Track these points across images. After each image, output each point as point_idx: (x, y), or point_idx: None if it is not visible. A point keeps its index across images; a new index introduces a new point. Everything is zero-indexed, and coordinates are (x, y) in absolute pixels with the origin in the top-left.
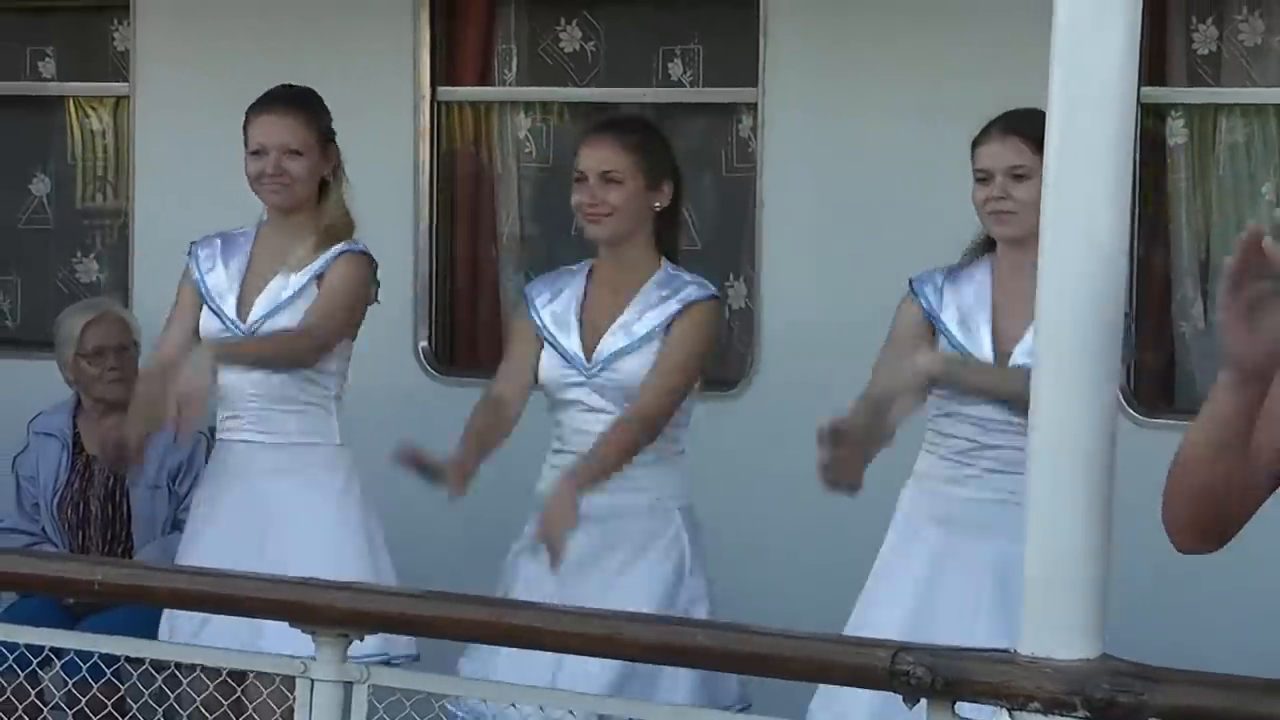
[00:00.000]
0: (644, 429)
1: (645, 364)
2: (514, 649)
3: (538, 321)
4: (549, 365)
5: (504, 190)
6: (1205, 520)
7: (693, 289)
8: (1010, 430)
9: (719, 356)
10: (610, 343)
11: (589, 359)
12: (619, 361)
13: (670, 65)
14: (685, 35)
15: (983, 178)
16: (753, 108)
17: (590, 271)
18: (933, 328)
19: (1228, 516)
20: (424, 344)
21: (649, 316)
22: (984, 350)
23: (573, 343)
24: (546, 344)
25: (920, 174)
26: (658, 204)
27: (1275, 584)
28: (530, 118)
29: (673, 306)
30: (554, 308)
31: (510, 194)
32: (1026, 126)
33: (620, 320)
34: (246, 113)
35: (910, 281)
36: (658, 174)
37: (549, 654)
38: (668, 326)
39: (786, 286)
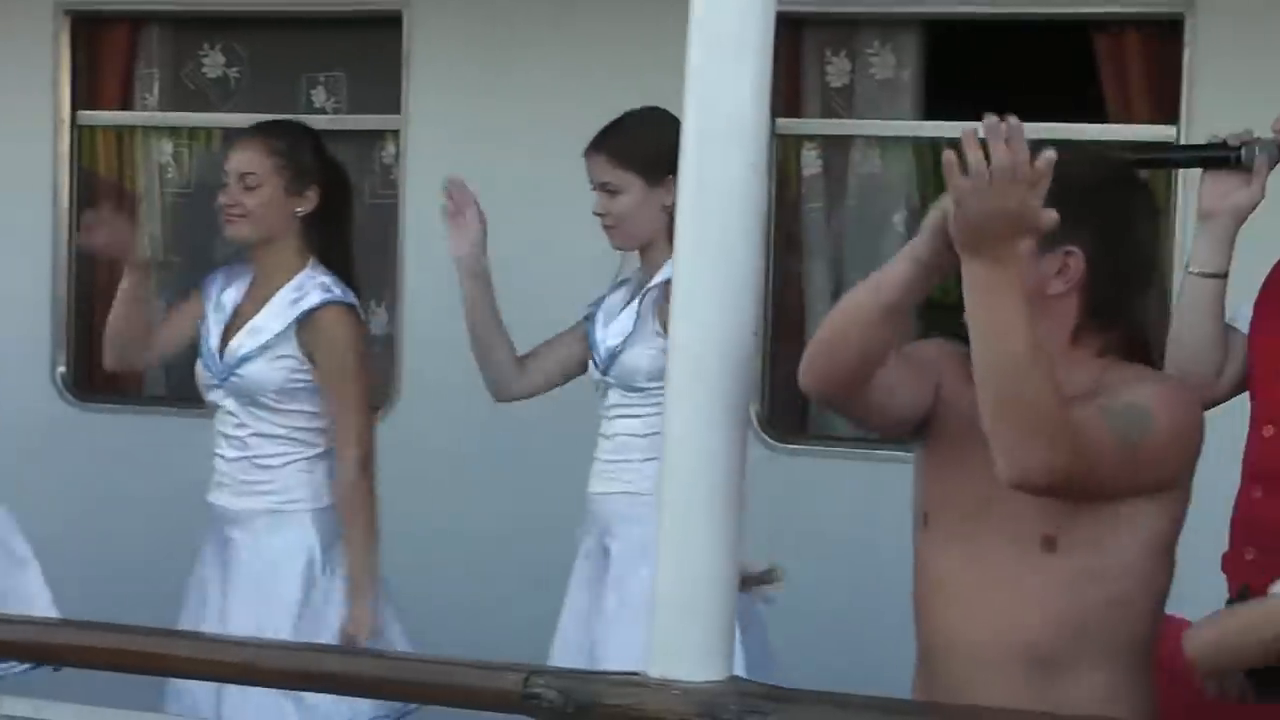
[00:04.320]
0: (359, 465)
1: (268, 369)
2: None
3: (207, 310)
4: (199, 365)
5: (146, 214)
6: (845, 375)
7: (314, 294)
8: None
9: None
10: (237, 345)
11: (221, 360)
12: (244, 366)
13: (314, 92)
14: (329, 62)
15: (594, 189)
16: (396, 135)
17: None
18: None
19: (858, 378)
20: (62, 370)
21: (274, 323)
22: (608, 342)
23: (213, 342)
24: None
25: (560, 204)
26: (300, 209)
27: (900, 601)
28: (173, 143)
29: (293, 314)
30: (214, 307)
31: (153, 218)
32: (609, 141)
33: (251, 324)
34: None
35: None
36: (301, 180)
37: None
38: (296, 334)
39: (428, 313)
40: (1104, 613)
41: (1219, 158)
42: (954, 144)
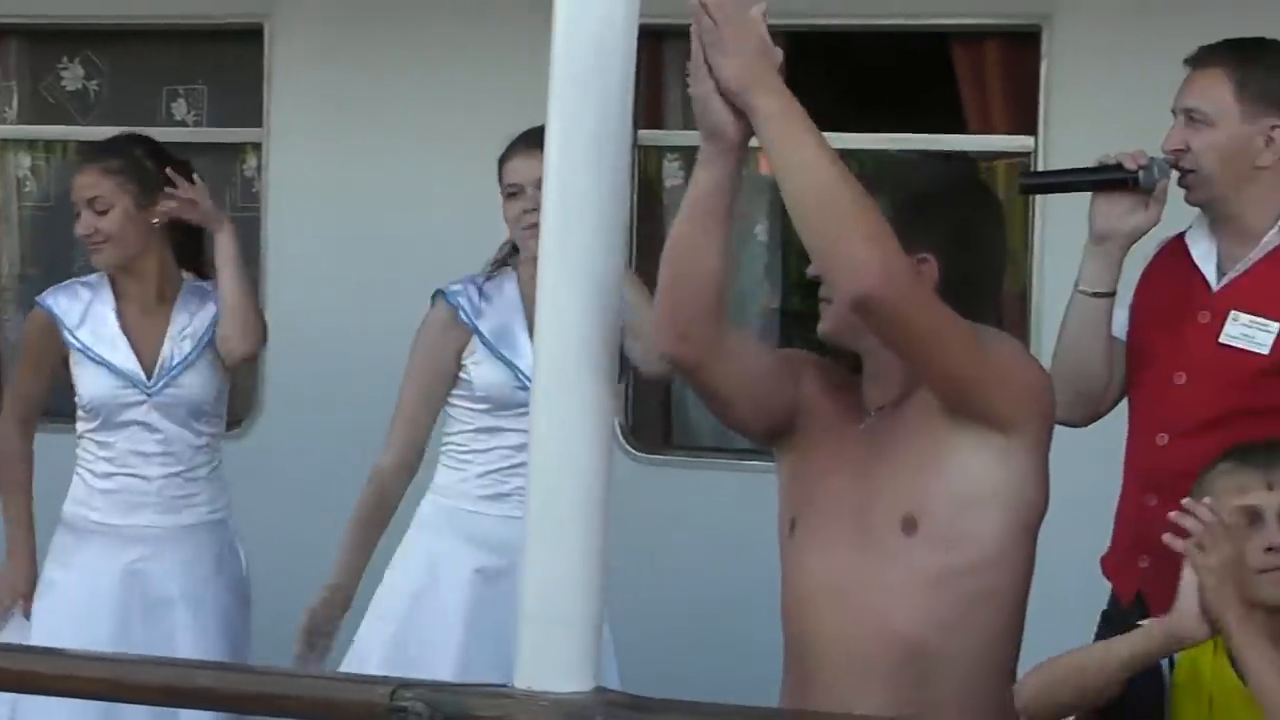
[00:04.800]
0: None
1: (203, 377)
2: None
3: (77, 343)
4: (102, 386)
5: (4, 230)
6: (693, 311)
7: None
8: None
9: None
10: (169, 356)
11: (150, 376)
12: (182, 376)
13: (174, 105)
14: (189, 75)
15: (514, 192)
16: (258, 148)
17: (114, 287)
18: (469, 333)
19: (709, 308)
20: None
21: (194, 326)
22: (529, 359)
23: (128, 360)
24: (92, 364)
25: (422, 215)
26: (157, 220)
27: (766, 609)
28: (31, 156)
29: (211, 308)
30: (92, 327)
31: (11, 233)
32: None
33: (169, 333)
34: None
35: (442, 292)
36: (149, 190)
37: None
38: (213, 332)
39: (290, 326)
40: (969, 607)
41: (1117, 180)
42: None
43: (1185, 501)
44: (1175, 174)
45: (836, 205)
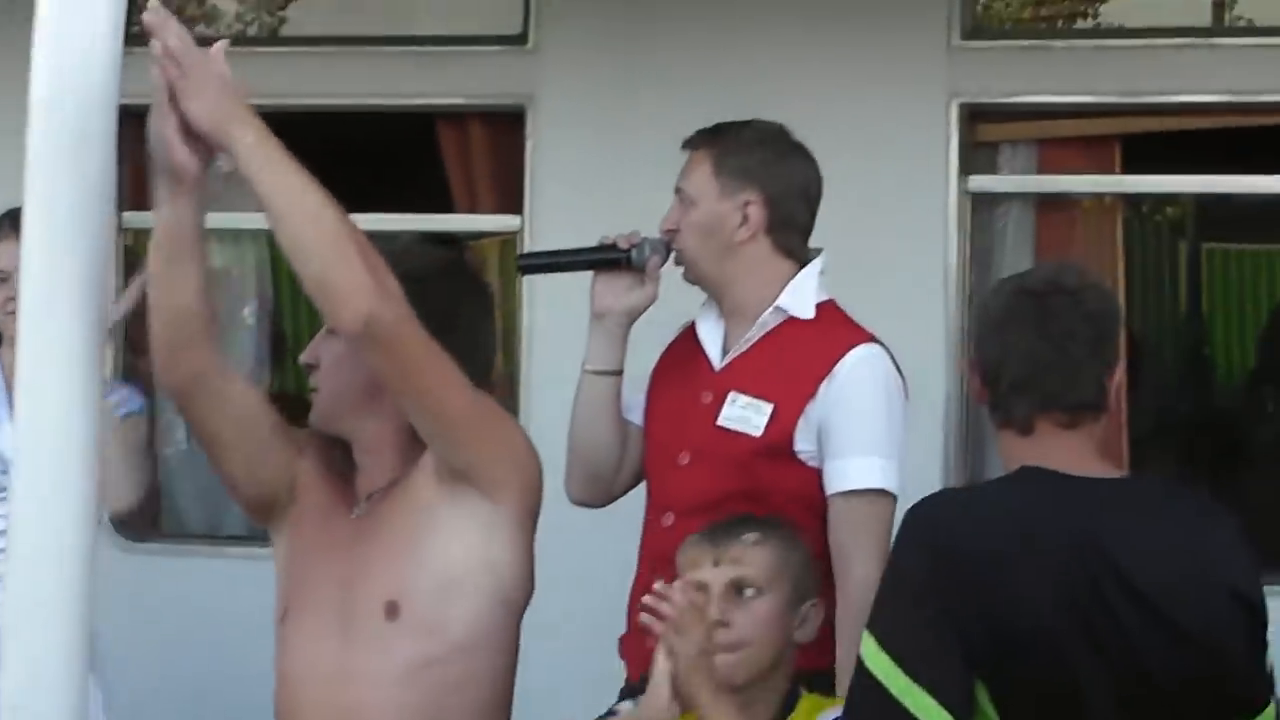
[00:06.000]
0: None
1: None
2: None
3: None
4: None
5: None
6: (170, 338)
7: None
8: None
9: None
10: None
11: None
12: None
13: None
14: None
15: (2, 278)
16: None
17: None
18: None
19: (189, 339)
20: None
21: None
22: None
23: None
24: None
25: None
26: None
27: (256, 696)
28: None
29: None
30: None
31: None
32: None
33: None
34: None
35: None
36: None
37: None
38: None
39: None
40: (448, 696)
41: (611, 259)
42: None
43: (659, 585)
44: (674, 253)
45: (328, 229)
